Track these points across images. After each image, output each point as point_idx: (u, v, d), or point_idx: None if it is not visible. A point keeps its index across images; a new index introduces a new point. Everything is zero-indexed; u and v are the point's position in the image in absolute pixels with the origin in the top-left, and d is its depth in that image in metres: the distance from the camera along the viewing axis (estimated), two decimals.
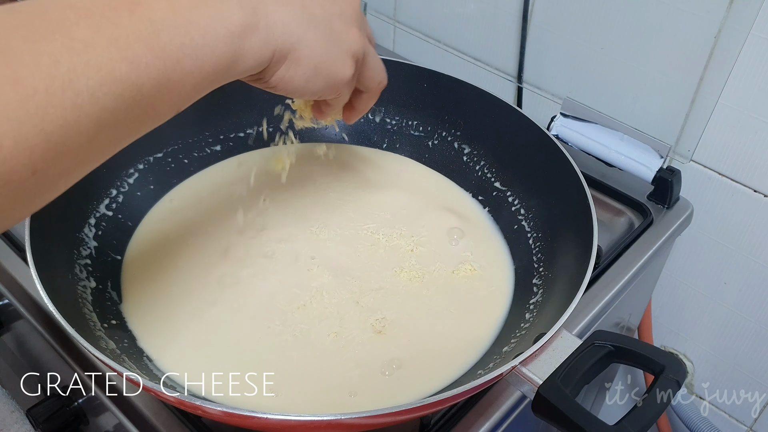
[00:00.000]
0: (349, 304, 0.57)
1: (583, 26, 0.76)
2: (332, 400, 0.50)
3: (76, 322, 0.46)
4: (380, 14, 0.97)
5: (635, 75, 0.74)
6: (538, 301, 0.56)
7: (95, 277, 0.55)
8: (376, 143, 0.73)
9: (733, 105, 0.70)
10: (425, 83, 0.70)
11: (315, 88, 0.43)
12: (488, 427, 0.53)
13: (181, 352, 0.53)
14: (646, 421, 0.42)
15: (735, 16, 0.65)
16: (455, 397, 0.42)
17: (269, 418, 0.40)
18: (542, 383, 0.44)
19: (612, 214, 0.72)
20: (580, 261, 0.52)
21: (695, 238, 0.80)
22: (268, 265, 0.60)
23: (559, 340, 0.47)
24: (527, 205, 0.64)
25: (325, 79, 0.43)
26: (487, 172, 0.68)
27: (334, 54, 0.43)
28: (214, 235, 0.62)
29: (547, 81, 0.83)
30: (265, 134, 0.72)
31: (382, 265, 0.61)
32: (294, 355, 0.53)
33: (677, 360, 0.46)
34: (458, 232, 0.64)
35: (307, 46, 0.41)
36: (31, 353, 0.67)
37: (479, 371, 0.52)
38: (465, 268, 0.61)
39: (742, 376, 0.86)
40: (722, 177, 0.75)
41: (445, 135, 0.71)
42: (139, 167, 0.64)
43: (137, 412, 0.52)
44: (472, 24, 0.87)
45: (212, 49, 0.35)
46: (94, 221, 0.59)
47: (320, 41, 0.42)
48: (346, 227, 0.64)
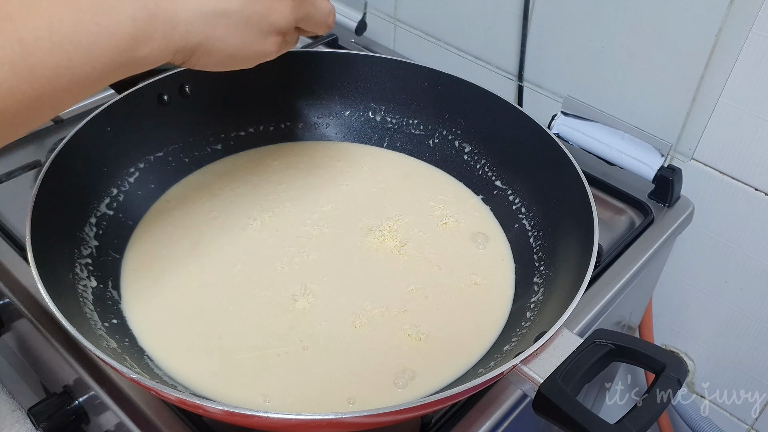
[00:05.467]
0: (348, 302, 0.57)
1: (583, 24, 0.76)
2: (333, 403, 0.50)
3: (77, 321, 0.46)
4: (381, 13, 0.97)
5: (636, 73, 0.74)
6: (538, 299, 0.56)
7: (96, 276, 0.55)
8: (376, 142, 0.73)
9: (734, 103, 0.70)
10: (426, 82, 0.70)
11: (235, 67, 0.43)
12: (489, 426, 0.53)
13: (181, 351, 0.53)
14: (647, 419, 0.42)
15: (736, 15, 0.65)
16: (456, 395, 0.42)
17: (270, 417, 0.40)
18: (543, 382, 0.44)
19: (613, 212, 0.72)
20: (581, 260, 0.52)
21: (696, 237, 0.80)
22: (271, 264, 0.60)
23: (560, 339, 0.47)
24: (528, 204, 0.64)
25: (244, 60, 0.43)
26: (488, 170, 0.68)
27: (250, 38, 0.42)
28: (215, 233, 0.62)
29: (547, 79, 0.83)
30: (266, 132, 0.72)
31: (382, 265, 0.61)
32: (295, 355, 0.53)
33: (678, 359, 0.46)
34: (457, 231, 0.64)
35: (217, 39, 0.40)
36: (32, 352, 0.67)
37: (480, 370, 0.52)
38: (465, 266, 0.61)
39: (743, 374, 0.86)
40: (723, 175, 0.75)
41: (445, 134, 0.71)
42: (140, 166, 0.64)
43: (138, 411, 0.52)
44: (472, 22, 0.87)
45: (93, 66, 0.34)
46: (94, 220, 0.59)
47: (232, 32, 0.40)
48: (347, 226, 0.64)
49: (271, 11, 0.42)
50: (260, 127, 0.72)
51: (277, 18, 0.42)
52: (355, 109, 0.73)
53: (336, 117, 0.73)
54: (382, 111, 0.73)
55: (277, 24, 0.42)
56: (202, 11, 0.38)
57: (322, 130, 0.74)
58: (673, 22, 0.69)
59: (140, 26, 0.35)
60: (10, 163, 0.70)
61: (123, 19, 0.34)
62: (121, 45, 0.34)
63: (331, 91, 0.73)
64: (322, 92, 0.73)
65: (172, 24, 0.37)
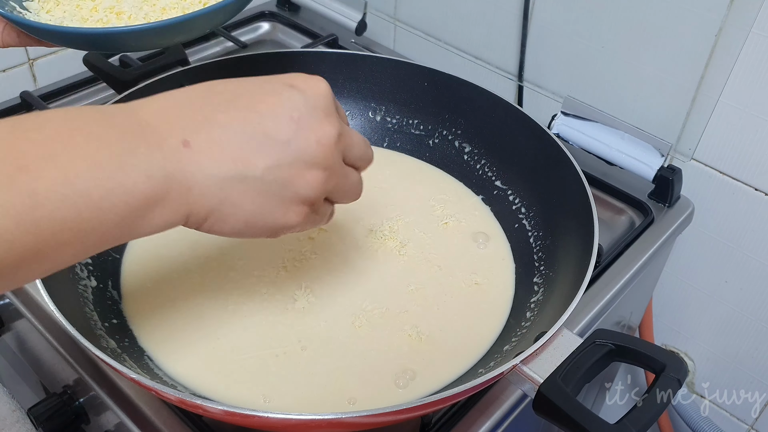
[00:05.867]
0: (348, 303, 0.57)
1: (583, 24, 0.76)
2: (333, 403, 0.50)
3: (77, 322, 0.46)
4: (381, 13, 0.97)
5: (636, 73, 0.74)
6: (539, 299, 0.56)
7: (96, 276, 0.55)
8: (376, 142, 0.73)
9: (734, 103, 0.70)
10: (426, 82, 0.70)
11: (255, 236, 0.39)
12: (489, 426, 0.53)
13: (181, 351, 0.53)
14: (647, 419, 0.42)
15: (736, 15, 0.65)
16: (456, 395, 0.42)
17: (270, 417, 0.40)
18: (543, 382, 0.44)
19: (613, 212, 0.72)
20: (581, 259, 0.52)
21: (696, 237, 0.80)
22: (271, 264, 0.60)
23: (560, 339, 0.47)
24: (528, 204, 0.64)
25: (263, 229, 0.39)
26: (488, 170, 0.68)
27: (270, 207, 0.38)
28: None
29: (547, 79, 0.83)
30: None
31: (382, 265, 0.61)
32: (294, 355, 0.53)
33: (678, 359, 0.46)
34: (458, 231, 0.64)
35: (232, 204, 0.37)
36: (32, 352, 0.67)
37: (480, 370, 0.52)
38: (465, 266, 0.61)
39: (743, 374, 0.86)
40: (723, 175, 0.75)
41: (445, 134, 0.71)
42: None
43: (138, 411, 0.52)
44: (472, 22, 0.87)
45: (102, 222, 0.32)
46: None
47: (249, 198, 0.37)
48: (347, 226, 0.64)
49: (297, 179, 0.38)
50: None
51: (302, 187, 0.38)
52: (355, 109, 0.73)
53: None
54: (382, 111, 0.73)
55: (303, 194, 0.38)
56: (219, 175, 0.35)
57: None
58: (673, 22, 0.69)
59: (155, 186, 0.33)
60: None
61: (139, 177, 0.32)
62: (133, 204, 0.33)
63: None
64: None
65: (187, 186, 0.35)
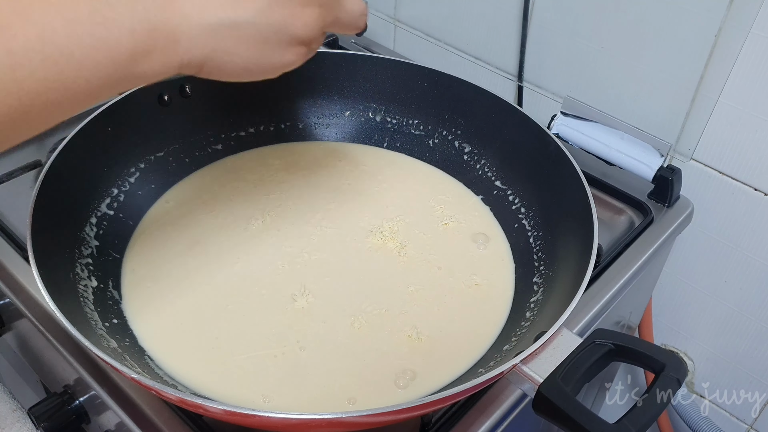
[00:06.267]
0: (348, 303, 0.57)
1: (583, 25, 0.76)
2: (333, 403, 0.50)
3: (78, 321, 0.46)
4: (381, 13, 0.97)
5: (636, 73, 0.74)
6: (538, 299, 0.56)
7: (96, 276, 0.55)
8: (376, 142, 0.73)
9: (733, 103, 0.70)
10: (426, 82, 0.70)
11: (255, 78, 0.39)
12: (489, 426, 0.53)
13: (181, 351, 0.53)
14: (647, 419, 0.42)
15: (735, 15, 0.65)
16: (456, 395, 0.42)
17: (270, 417, 0.40)
18: (543, 382, 0.44)
19: (612, 212, 0.72)
20: (581, 259, 0.52)
21: (696, 237, 0.80)
22: (271, 264, 0.60)
23: (560, 339, 0.47)
24: (528, 204, 0.64)
25: (262, 73, 0.39)
26: (488, 170, 0.68)
27: (267, 51, 0.38)
28: (215, 233, 0.62)
29: (547, 80, 0.83)
30: (266, 132, 0.72)
31: (382, 265, 0.61)
32: (293, 355, 0.53)
33: (678, 358, 0.46)
34: (458, 231, 0.64)
35: (226, 52, 0.36)
36: (33, 352, 0.67)
37: (480, 370, 0.52)
38: (465, 267, 0.61)
39: (742, 374, 0.86)
40: (723, 175, 0.75)
41: (445, 134, 0.71)
42: (141, 166, 0.64)
43: (139, 411, 0.52)
44: (472, 23, 0.87)
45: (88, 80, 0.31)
46: (95, 220, 0.59)
47: (244, 45, 0.36)
48: (347, 227, 0.64)
49: (293, 20, 0.37)
50: (260, 127, 0.72)
51: (299, 28, 0.38)
52: (355, 110, 0.73)
53: (336, 117, 0.74)
54: (382, 111, 0.73)
55: (300, 35, 0.38)
56: (206, 24, 0.35)
57: (322, 130, 0.74)
58: (673, 22, 0.69)
59: (139, 40, 0.32)
60: (10, 164, 0.70)
61: (121, 32, 0.32)
62: (118, 59, 0.32)
63: (331, 92, 0.73)
64: (322, 93, 0.73)
65: (173, 38, 0.34)
